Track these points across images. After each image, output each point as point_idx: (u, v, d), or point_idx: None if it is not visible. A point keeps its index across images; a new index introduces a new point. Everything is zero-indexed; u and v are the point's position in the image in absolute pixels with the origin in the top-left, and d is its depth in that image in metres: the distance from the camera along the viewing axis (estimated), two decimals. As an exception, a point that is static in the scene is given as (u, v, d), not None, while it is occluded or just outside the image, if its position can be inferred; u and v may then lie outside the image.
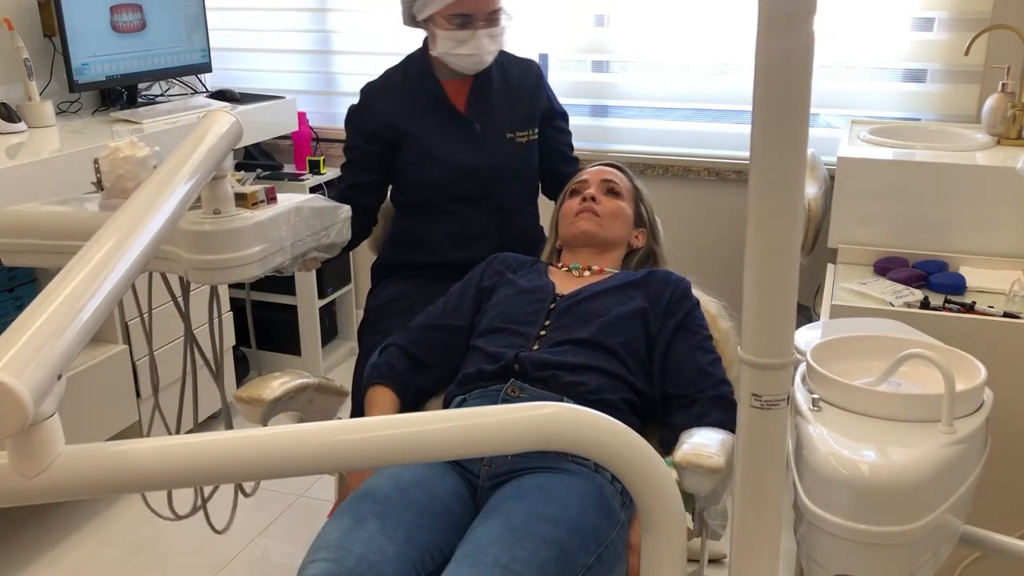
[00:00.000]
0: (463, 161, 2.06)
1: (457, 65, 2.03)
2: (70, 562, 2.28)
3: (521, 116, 2.13)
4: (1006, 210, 2.08)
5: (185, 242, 1.30)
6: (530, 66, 2.20)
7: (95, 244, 0.89)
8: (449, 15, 1.95)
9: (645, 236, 1.90)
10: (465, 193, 2.07)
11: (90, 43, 2.65)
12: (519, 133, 2.12)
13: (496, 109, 2.10)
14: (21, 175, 2.11)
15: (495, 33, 2.01)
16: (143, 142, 1.39)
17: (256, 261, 1.32)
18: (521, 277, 1.77)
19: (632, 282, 1.71)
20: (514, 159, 2.12)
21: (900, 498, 1.17)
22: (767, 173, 0.83)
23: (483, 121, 2.09)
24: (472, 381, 1.60)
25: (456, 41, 1.97)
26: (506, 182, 2.11)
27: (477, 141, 2.07)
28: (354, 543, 1.29)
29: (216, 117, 1.25)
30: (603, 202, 1.84)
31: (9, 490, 0.74)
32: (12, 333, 0.74)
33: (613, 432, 0.81)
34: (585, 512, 1.35)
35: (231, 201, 1.31)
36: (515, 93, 2.14)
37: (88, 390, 2.34)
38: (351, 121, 2.13)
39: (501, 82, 2.12)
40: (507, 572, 1.21)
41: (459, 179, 2.06)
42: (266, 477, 0.79)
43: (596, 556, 1.32)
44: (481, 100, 2.09)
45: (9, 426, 0.69)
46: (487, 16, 1.97)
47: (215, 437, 0.78)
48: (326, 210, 1.53)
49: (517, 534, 1.28)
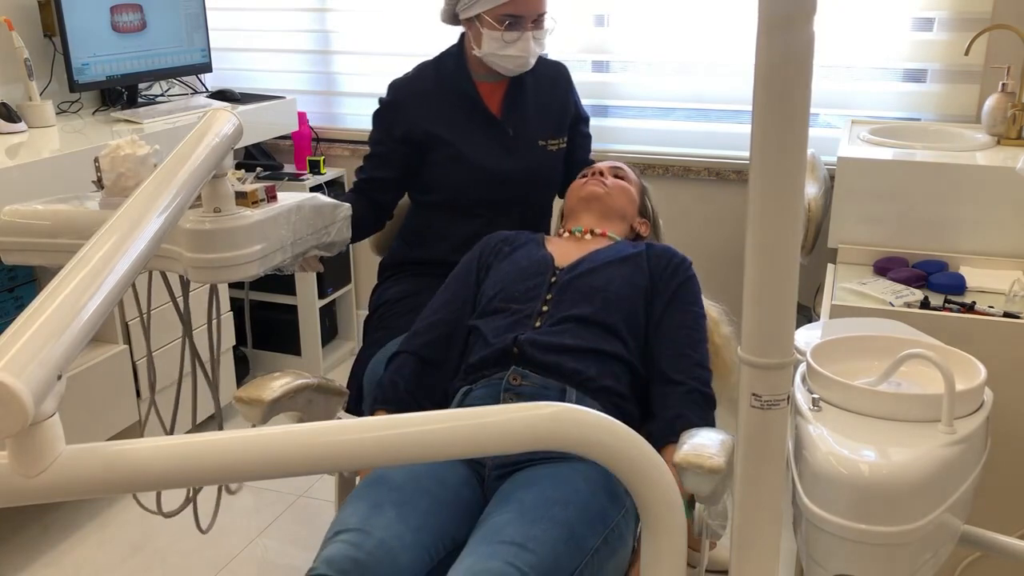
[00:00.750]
0: (495, 166, 2.05)
1: (500, 66, 2.02)
2: (70, 562, 2.28)
3: (553, 124, 2.13)
4: (1006, 210, 2.08)
5: (185, 241, 1.29)
6: (560, 70, 2.19)
7: (96, 243, 0.89)
8: (499, 15, 1.94)
9: (649, 228, 1.93)
10: (494, 197, 2.07)
11: (90, 43, 2.65)
12: (551, 141, 2.12)
13: (530, 115, 2.10)
14: (21, 175, 2.11)
15: (540, 36, 2.00)
16: (143, 140, 1.39)
17: (256, 260, 1.32)
18: (519, 252, 1.77)
19: (634, 255, 1.71)
20: (546, 167, 2.12)
21: (900, 498, 1.17)
22: (767, 173, 0.83)
23: (517, 127, 2.08)
24: (476, 371, 1.61)
25: (503, 42, 1.96)
26: (536, 189, 2.11)
27: (510, 147, 2.07)
28: (374, 528, 1.32)
29: (217, 116, 1.25)
30: (610, 179, 1.90)
31: (9, 490, 0.74)
32: (12, 333, 0.74)
33: (614, 432, 0.81)
34: (593, 494, 1.38)
35: (231, 200, 1.31)
36: (547, 100, 2.13)
37: (88, 390, 2.34)
38: (381, 117, 2.10)
39: (534, 87, 2.11)
40: (522, 550, 1.24)
41: (490, 184, 2.05)
42: (266, 477, 0.79)
43: (603, 538, 1.35)
44: (516, 105, 2.09)
45: (9, 426, 0.68)
46: (535, 18, 1.97)
47: (215, 437, 0.78)
48: (326, 208, 1.53)
49: (530, 516, 1.31)
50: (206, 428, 2.75)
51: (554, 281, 1.68)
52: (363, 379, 1.91)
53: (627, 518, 1.42)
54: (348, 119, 3.36)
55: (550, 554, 1.26)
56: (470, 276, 1.77)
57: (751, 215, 0.85)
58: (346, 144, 3.31)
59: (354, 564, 1.27)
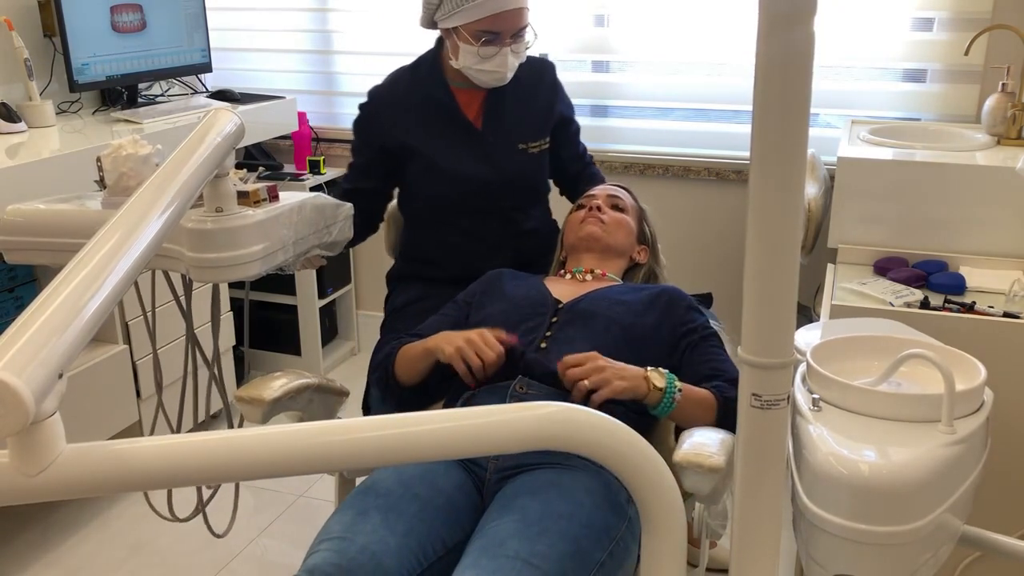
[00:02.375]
0: (471, 174, 2.00)
1: (477, 80, 1.97)
2: (70, 562, 2.28)
3: (533, 126, 2.07)
4: (1006, 210, 2.08)
5: (187, 240, 1.29)
6: (544, 69, 2.12)
7: (97, 242, 0.89)
8: (475, 31, 1.88)
9: (647, 253, 1.94)
10: (475, 206, 2.03)
11: (90, 43, 2.65)
12: (531, 144, 2.06)
13: (508, 119, 2.04)
14: (21, 175, 2.11)
15: (519, 49, 1.95)
16: (145, 140, 1.39)
17: (258, 259, 1.32)
18: (514, 289, 1.76)
19: (640, 299, 1.70)
20: (525, 170, 2.07)
21: (900, 498, 1.17)
22: (767, 173, 0.83)
23: (496, 133, 2.03)
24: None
25: (479, 57, 1.91)
26: (515, 193, 2.06)
27: (487, 153, 2.02)
28: (357, 534, 1.31)
29: (219, 116, 1.25)
30: (609, 213, 1.89)
31: (11, 488, 0.74)
32: (14, 332, 0.74)
33: (614, 432, 0.81)
34: (596, 507, 1.37)
35: (233, 199, 1.31)
36: (527, 102, 2.07)
37: (88, 390, 2.34)
38: (358, 126, 2.08)
39: (514, 91, 2.05)
40: (527, 566, 1.23)
41: (467, 193, 2.01)
42: (267, 476, 0.79)
43: (608, 552, 1.34)
44: (494, 111, 2.03)
45: (10, 425, 0.69)
46: (514, 33, 1.91)
47: (216, 436, 0.78)
48: (328, 207, 1.53)
49: (534, 529, 1.30)
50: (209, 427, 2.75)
51: (555, 320, 1.67)
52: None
53: (631, 528, 1.41)
54: (348, 119, 3.32)
55: (556, 570, 1.25)
56: (467, 306, 1.79)
57: (751, 215, 0.85)
58: (346, 144, 3.29)
59: (336, 569, 1.26)
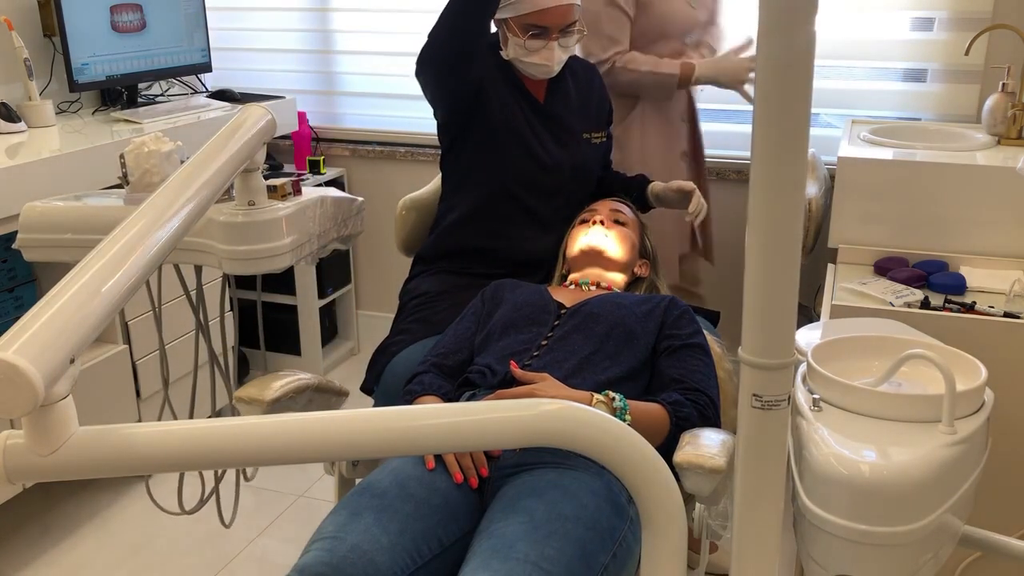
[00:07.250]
0: (544, 153, 2.02)
1: (525, 71, 2.00)
2: (70, 562, 2.28)
3: (594, 118, 2.13)
4: (1006, 210, 2.08)
5: (220, 233, 1.34)
6: (592, 68, 2.19)
7: (117, 234, 0.93)
8: (523, 24, 1.91)
9: (648, 267, 1.96)
10: (540, 184, 2.03)
11: (90, 43, 2.65)
12: (595, 134, 2.12)
13: (574, 107, 2.09)
14: (21, 175, 2.11)
15: (568, 44, 1.98)
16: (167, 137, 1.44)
17: (288, 251, 1.38)
18: (517, 296, 1.77)
19: (640, 303, 1.71)
20: (591, 160, 2.12)
21: (900, 498, 1.17)
22: (767, 173, 0.83)
23: (565, 118, 2.07)
24: (483, 378, 1.61)
25: (526, 50, 1.94)
26: (579, 182, 2.10)
27: (559, 137, 2.06)
28: (348, 534, 1.31)
29: (250, 111, 1.31)
30: (611, 226, 1.92)
31: (25, 467, 0.79)
32: (30, 317, 0.78)
33: (613, 431, 0.81)
34: (599, 509, 1.37)
35: (264, 193, 1.37)
36: (586, 94, 2.12)
37: (88, 390, 2.34)
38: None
39: (574, 81, 2.11)
40: (537, 569, 1.23)
41: (538, 172, 2.02)
42: (270, 463, 0.83)
43: (612, 554, 1.34)
44: (560, 96, 2.07)
45: (21, 406, 0.73)
46: (562, 29, 1.94)
47: (223, 423, 0.81)
48: (344, 202, 1.58)
49: (542, 532, 1.30)
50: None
51: (557, 323, 1.68)
52: (385, 367, 1.88)
53: (633, 528, 1.41)
54: (348, 119, 3.36)
55: (564, 573, 1.25)
56: (478, 316, 1.79)
57: (751, 215, 0.84)
58: (346, 144, 3.31)
59: (327, 568, 1.26)
